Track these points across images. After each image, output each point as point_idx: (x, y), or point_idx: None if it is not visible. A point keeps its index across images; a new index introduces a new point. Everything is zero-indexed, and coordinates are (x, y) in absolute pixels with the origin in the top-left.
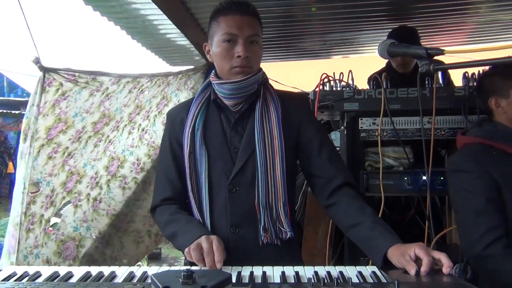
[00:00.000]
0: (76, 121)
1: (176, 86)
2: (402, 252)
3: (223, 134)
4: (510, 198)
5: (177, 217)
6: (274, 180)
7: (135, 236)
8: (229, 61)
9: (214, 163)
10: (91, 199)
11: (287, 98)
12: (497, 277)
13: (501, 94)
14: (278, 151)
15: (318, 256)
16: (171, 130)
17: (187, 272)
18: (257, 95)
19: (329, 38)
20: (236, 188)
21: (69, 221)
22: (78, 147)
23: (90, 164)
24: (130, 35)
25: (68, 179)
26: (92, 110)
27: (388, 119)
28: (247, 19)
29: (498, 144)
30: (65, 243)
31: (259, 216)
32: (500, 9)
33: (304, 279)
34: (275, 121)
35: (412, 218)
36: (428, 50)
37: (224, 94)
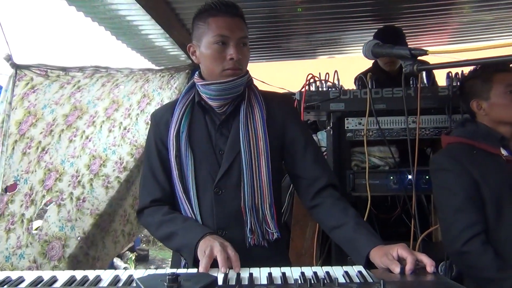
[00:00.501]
0: (46, 113)
1: (158, 84)
2: (385, 252)
3: (208, 136)
4: (489, 195)
5: (173, 217)
6: (260, 182)
7: (113, 236)
8: (220, 63)
9: (199, 165)
10: (75, 198)
11: (271, 99)
12: (474, 273)
13: (482, 97)
14: (263, 152)
15: (305, 256)
16: (156, 132)
17: (172, 275)
18: (242, 97)
19: (315, 38)
20: (222, 190)
21: (53, 221)
22: (51, 141)
23: (68, 161)
24: (115, 35)
25: (46, 176)
26: (62, 102)
27: (374, 119)
28: (237, 21)
29: (478, 144)
30: (50, 243)
31: (246, 218)
32: (482, 9)
33: (290, 280)
34: (260, 122)
35: (399, 217)
36: (412, 50)
37: (210, 95)
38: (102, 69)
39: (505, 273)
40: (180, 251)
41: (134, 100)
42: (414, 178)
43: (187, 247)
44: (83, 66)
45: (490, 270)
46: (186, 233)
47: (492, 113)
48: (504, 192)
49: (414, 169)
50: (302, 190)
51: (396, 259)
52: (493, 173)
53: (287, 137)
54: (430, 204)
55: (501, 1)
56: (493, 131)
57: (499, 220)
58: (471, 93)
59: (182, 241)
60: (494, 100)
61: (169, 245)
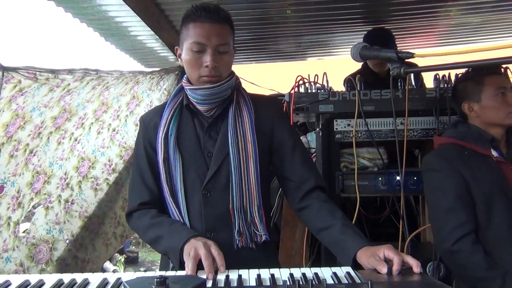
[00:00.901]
0: (34, 115)
1: (148, 86)
2: (372, 253)
3: (197, 139)
4: (479, 196)
5: (160, 220)
6: (248, 184)
7: (104, 238)
8: (197, 70)
9: (188, 168)
10: (63, 200)
11: (259, 102)
12: (464, 272)
13: (474, 99)
14: (251, 155)
15: (295, 257)
16: (145, 135)
17: (160, 278)
18: (230, 100)
19: (304, 40)
20: (210, 192)
21: (41, 224)
22: (39, 144)
23: (57, 164)
24: (104, 37)
25: (35, 179)
26: (51, 105)
27: (363, 120)
28: (217, 27)
29: (470, 145)
30: (37, 247)
31: (234, 220)
32: (469, 12)
33: (279, 281)
34: (248, 125)
35: (387, 218)
36: (399, 53)
37: (197, 100)
38: (92, 72)
39: (494, 272)
40: (167, 254)
41: (123, 101)
42: (403, 179)
43: (173, 250)
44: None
45: (480, 269)
46: (172, 236)
47: (483, 115)
48: (494, 193)
49: (403, 170)
50: (290, 193)
51: (383, 260)
52: (484, 173)
53: (275, 140)
54: (418, 204)
55: (487, 4)
56: (484, 133)
57: (489, 220)
58: (463, 95)
59: (168, 244)
60: (485, 102)
61: (156, 248)
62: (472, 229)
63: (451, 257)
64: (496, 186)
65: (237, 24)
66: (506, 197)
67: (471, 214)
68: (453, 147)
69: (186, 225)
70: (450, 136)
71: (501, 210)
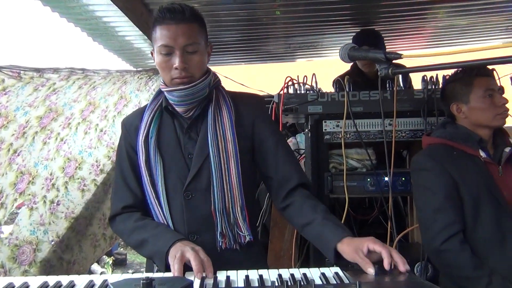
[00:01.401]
0: (18, 115)
1: (136, 86)
2: (354, 248)
3: (177, 140)
4: (467, 196)
5: (144, 224)
6: (230, 185)
7: (92, 240)
8: (168, 73)
9: (169, 170)
10: (48, 201)
11: (239, 100)
12: (452, 271)
13: (462, 100)
14: (232, 155)
15: (284, 258)
16: (126, 139)
17: (146, 280)
18: (209, 99)
19: (293, 41)
20: (192, 194)
21: (24, 225)
22: (24, 144)
23: (42, 164)
24: (92, 37)
25: (19, 179)
26: (36, 104)
27: (351, 121)
28: (183, 27)
29: (458, 145)
30: (21, 248)
31: (216, 222)
32: (456, 15)
33: (268, 282)
34: (228, 124)
35: (376, 219)
36: (387, 54)
37: (174, 101)
38: (78, 71)
39: (481, 271)
40: (152, 258)
41: (110, 101)
42: (391, 180)
43: (158, 254)
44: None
45: (467, 268)
46: (156, 240)
47: (471, 116)
48: (482, 193)
49: (391, 171)
50: (274, 191)
51: (366, 253)
52: (472, 174)
53: (256, 138)
54: (407, 205)
55: (474, 7)
56: (472, 133)
57: (476, 220)
58: (452, 96)
59: (153, 248)
60: (473, 103)
61: (141, 252)
62: (460, 229)
63: (439, 257)
64: (484, 187)
65: (226, 25)
66: (493, 197)
67: (459, 214)
68: (441, 147)
69: (170, 228)
70: (439, 136)
71: (488, 211)
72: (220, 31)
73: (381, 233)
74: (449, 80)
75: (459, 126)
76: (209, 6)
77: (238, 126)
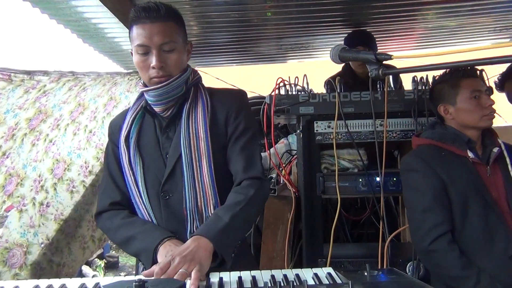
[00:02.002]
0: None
1: (126, 88)
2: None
3: (156, 140)
4: (455, 196)
5: (132, 221)
6: (202, 184)
7: (81, 242)
8: (146, 72)
9: (148, 170)
10: (37, 203)
11: (217, 96)
12: (440, 271)
13: (449, 102)
14: (204, 153)
15: (277, 259)
16: (112, 140)
17: (139, 282)
18: (185, 98)
19: (285, 42)
20: (169, 195)
21: (14, 227)
22: (13, 146)
23: (30, 166)
24: (82, 38)
25: (7, 181)
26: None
27: (343, 122)
28: (158, 26)
29: (447, 146)
30: (11, 251)
31: (186, 222)
32: (446, 16)
33: (261, 283)
34: (201, 122)
35: (368, 219)
36: (377, 55)
37: (151, 101)
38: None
39: (469, 271)
40: (139, 255)
41: (100, 103)
42: (382, 180)
43: (146, 251)
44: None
45: (455, 268)
46: (144, 237)
47: (458, 118)
48: (470, 193)
49: (382, 171)
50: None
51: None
52: (460, 174)
53: (228, 133)
54: (398, 205)
55: (463, 8)
56: (461, 134)
57: (464, 220)
58: (439, 97)
59: (140, 245)
60: (460, 105)
61: (127, 249)
62: (448, 229)
63: (428, 257)
64: (472, 187)
65: (217, 26)
66: (482, 197)
67: (448, 214)
68: (430, 148)
69: (159, 226)
70: (428, 137)
71: (477, 211)
72: (212, 32)
73: (373, 233)
74: (437, 81)
75: (448, 127)
76: (200, 7)
77: (213, 124)
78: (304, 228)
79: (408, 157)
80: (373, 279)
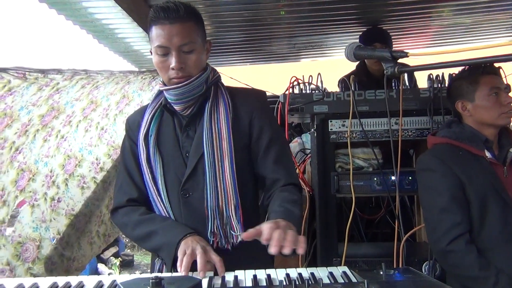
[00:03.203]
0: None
1: (139, 86)
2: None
3: (176, 138)
4: (473, 196)
5: (152, 217)
6: (224, 184)
7: (88, 237)
8: (166, 73)
9: (168, 168)
10: (49, 198)
11: (238, 96)
12: (458, 272)
13: (467, 98)
14: (227, 153)
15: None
16: (130, 136)
17: (155, 279)
18: (206, 96)
19: (298, 41)
20: (189, 193)
21: (27, 222)
22: (25, 141)
23: (42, 161)
24: (97, 39)
25: (20, 177)
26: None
27: (357, 120)
28: (177, 27)
29: (464, 145)
30: (24, 245)
31: (208, 221)
32: (461, 13)
33: (276, 282)
34: (224, 121)
35: (383, 218)
36: (393, 52)
37: (172, 100)
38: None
39: (488, 272)
40: (159, 250)
41: (112, 100)
42: (398, 179)
43: (168, 245)
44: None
45: (473, 269)
46: (166, 232)
47: (476, 115)
48: (488, 193)
49: (397, 170)
50: (264, 190)
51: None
52: (478, 174)
53: (253, 135)
54: (414, 204)
55: (479, 5)
56: (478, 133)
57: (483, 220)
58: (457, 94)
59: (162, 240)
60: (478, 102)
61: (146, 244)
62: (466, 229)
63: (445, 257)
64: (490, 187)
65: (230, 25)
66: (501, 198)
67: (466, 214)
68: (447, 147)
69: (179, 222)
70: (444, 136)
71: (495, 211)
72: (224, 32)
73: (388, 233)
74: (455, 78)
75: (465, 126)
76: (213, 6)
77: (235, 123)
78: (319, 227)
79: (424, 157)
80: (389, 278)
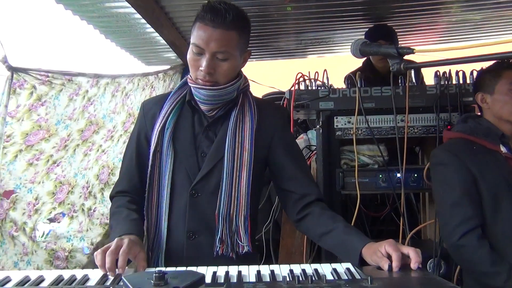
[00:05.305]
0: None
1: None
2: (374, 250)
3: (193, 137)
4: (486, 191)
5: (119, 211)
6: (238, 192)
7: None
8: (195, 71)
9: (179, 165)
10: (86, 209)
11: (264, 109)
12: (470, 266)
13: (487, 90)
14: (246, 163)
15: (295, 254)
16: (141, 124)
17: (159, 273)
18: (234, 103)
19: (305, 37)
20: (198, 193)
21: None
22: (65, 156)
23: (80, 174)
24: (104, 34)
25: (58, 189)
26: (76, 117)
27: (363, 117)
28: (218, 33)
29: (479, 140)
30: (56, 252)
31: (217, 227)
32: (470, 9)
33: (279, 278)
34: (248, 132)
35: (388, 215)
36: (399, 49)
37: (200, 99)
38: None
39: (500, 267)
40: None
41: None
42: (403, 176)
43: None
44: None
45: (485, 264)
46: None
47: (493, 108)
48: (501, 188)
49: (403, 167)
50: (290, 205)
51: (385, 255)
52: (492, 169)
53: (275, 150)
54: (419, 202)
55: (488, 1)
56: (494, 128)
57: (495, 215)
58: (479, 86)
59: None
60: (497, 95)
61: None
62: (478, 224)
63: (457, 252)
64: (504, 182)
65: None
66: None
67: (478, 209)
68: (462, 141)
69: (138, 220)
70: (459, 131)
71: (508, 206)
72: None
73: (393, 230)
74: (482, 70)
75: (482, 120)
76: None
77: (258, 135)
78: None
79: (438, 151)
80: (392, 275)
